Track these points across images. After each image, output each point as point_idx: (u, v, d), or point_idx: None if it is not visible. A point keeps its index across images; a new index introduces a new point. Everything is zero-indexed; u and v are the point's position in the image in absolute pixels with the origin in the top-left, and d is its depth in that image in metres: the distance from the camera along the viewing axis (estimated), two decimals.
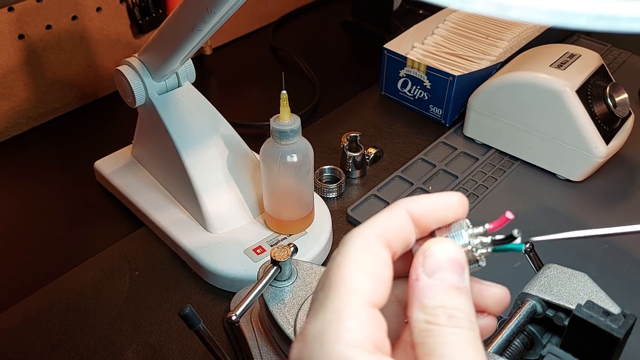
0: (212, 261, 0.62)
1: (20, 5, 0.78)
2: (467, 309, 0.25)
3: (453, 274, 0.26)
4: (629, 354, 0.44)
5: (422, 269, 0.26)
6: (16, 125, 0.84)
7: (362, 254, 0.25)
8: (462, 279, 0.26)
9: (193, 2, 0.51)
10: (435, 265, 0.26)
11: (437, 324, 0.24)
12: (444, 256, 0.26)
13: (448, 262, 0.26)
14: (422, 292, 0.25)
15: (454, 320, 0.24)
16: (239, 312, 0.46)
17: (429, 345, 0.24)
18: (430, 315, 0.24)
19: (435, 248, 0.26)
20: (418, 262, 0.26)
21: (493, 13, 0.20)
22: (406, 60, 0.85)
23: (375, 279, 0.25)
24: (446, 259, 0.26)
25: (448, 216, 0.28)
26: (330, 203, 0.73)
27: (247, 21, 1.08)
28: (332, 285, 0.25)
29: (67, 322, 0.60)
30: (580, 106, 0.70)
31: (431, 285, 0.25)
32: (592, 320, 0.40)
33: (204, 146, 0.66)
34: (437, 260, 0.26)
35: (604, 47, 1.02)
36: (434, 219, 0.28)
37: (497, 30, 0.91)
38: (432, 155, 0.80)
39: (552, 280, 0.46)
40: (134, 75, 0.64)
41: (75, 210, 0.74)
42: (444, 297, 0.25)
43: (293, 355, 0.24)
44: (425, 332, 0.24)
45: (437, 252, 0.26)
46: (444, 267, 0.26)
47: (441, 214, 0.28)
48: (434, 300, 0.25)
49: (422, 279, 0.25)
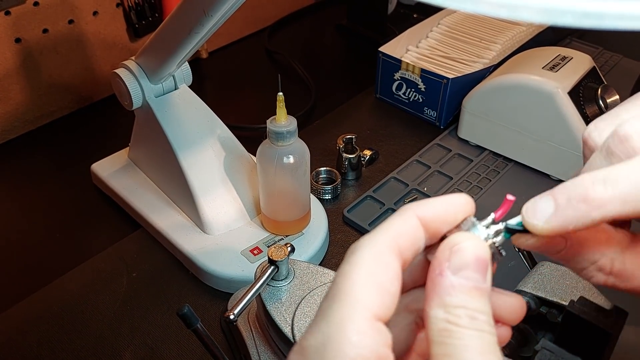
0: (209, 262, 0.63)
1: (17, 9, 0.78)
2: (488, 311, 0.24)
3: (477, 274, 0.24)
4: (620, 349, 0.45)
5: (448, 264, 0.24)
6: (13, 128, 0.84)
7: (371, 263, 0.24)
8: (484, 280, 0.25)
9: (190, 5, 0.52)
10: (461, 262, 0.24)
11: (458, 325, 0.23)
12: (471, 253, 0.25)
13: (474, 260, 0.24)
14: (445, 289, 0.24)
15: (475, 322, 0.23)
16: (236, 311, 0.46)
17: (449, 347, 0.23)
18: (451, 315, 0.23)
19: (464, 244, 0.25)
20: (443, 257, 0.25)
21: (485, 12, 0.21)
22: (401, 63, 0.86)
23: (383, 290, 0.24)
24: (473, 256, 0.24)
25: (458, 218, 0.27)
26: (327, 204, 0.74)
27: (243, 25, 1.09)
28: (336, 296, 0.24)
29: (64, 324, 0.60)
30: (572, 107, 0.71)
31: (455, 284, 0.24)
32: (585, 316, 0.41)
33: (200, 148, 0.66)
34: (464, 257, 0.24)
35: (596, 50, 1.03)
36: (445, 222, 0.26)
37: (490, 34, 0.93)
38: (427, 156, 0.81)
39: (546, 277, 0.47)
40: (131, 78, 0.64)
41: (72, 213, 0.74)
42: (466, 297, 0.24)
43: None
44: (444, 332, 0.23)
45: (466, 248, 0.25)
46: (469, 265, 0.24)
47: (452, 217, 0.27)
48: (457, 299, 0.24)
49: (447, 275, 0.24)
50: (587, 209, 0.24)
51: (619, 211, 0.24)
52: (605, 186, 0.24)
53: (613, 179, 0.24)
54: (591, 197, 0.24)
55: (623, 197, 0.23)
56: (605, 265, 0.26)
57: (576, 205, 0.24)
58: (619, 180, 0.24)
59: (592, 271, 0.26)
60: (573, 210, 0.24)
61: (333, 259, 0.67)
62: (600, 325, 0.40)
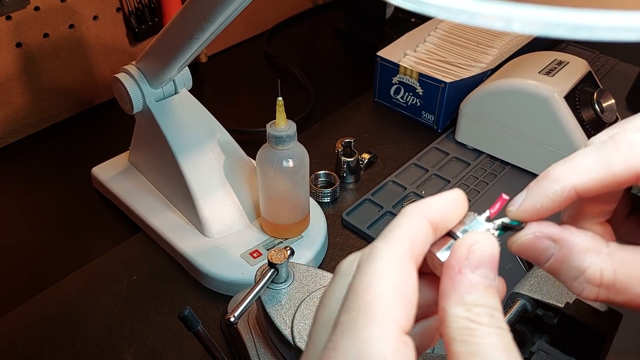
0: (209, 265, 0.63)
1: (18, 14, 0.79)
2: (500, 308, 0.24)
3: (492, 272, 0.25)
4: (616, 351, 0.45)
5: (467, 262, 0.25)
6: (13, 132, 0.85)
7: (392, 274, 0.24)
8: (495, 277, 0.25)
9: (191, 11, 0.53)
10: (479, 261, 0.25)
11: (480, 323, 0.23)
12: (488, 251, 0.25)
13: (490, 259, 0.25)
14: (464, 288, 0.24)
15: (494, 320, 0.24)
16: (237, 313, 0.47)
17: (472, 345, 0.23)
18: (472, 313, 0.24)
19: (482, 243, 0.25)
20: (461, 255, 0.25)
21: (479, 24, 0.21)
22: (399, 67, 0.87)
23: (407, 303, 0.24)
24: (490, 254, 0.25)
25: (460, 215, 0.27)
26: (325, 207, 0.75)
27: (242, 29, 1.10)
28: (362, 309, 0.23)
29: (66, 326, 0.60)
30: (568, 112, 0.72)
31: (474, 282, 0.24)
32: (580, 318, 0.42)
33: (200, 152, 0.67)
34: (482, 256, 0.25)
35: (592, 54, 1.04)
36: (451, 220, 0.27)
37: (487, 38, 0.93)
38: (424, 160, 0.82)
39: (542, 280, 0.47)
40: (131, 83, 0.65)
41: (73, 216, 0.74)
42: (485, 295, 0.24)
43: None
44: (467, 330, 0.23)
45: (484, 247, 0.25)
46: (486, 264, 0.25)
47: (456, 215, 0.27)
48: (476, 297, 0.24)
49: (466, 273, 0.24)
50: (548, 183, 0.26)
51: (576, 183, 0.25)
52: (563, 163, 0.26)
53: (571, 158, 0.26)
54: (551, 173, 0.26)
55: (579, 169, 0.25)
56: (594, 275, 0.26)
57: (540, 182, 0.26)
58: (576, 157, 0.26)
59: (582, 283, 0.26)
60: (538, 187, 0.26)
61: (332, 262, 0.68)
62: (595, 328, 0.41)
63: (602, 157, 0.25)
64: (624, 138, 0.25)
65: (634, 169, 0.25)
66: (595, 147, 0.26)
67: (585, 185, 0.25)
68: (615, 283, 0.26)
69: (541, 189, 0.26)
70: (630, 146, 0.25)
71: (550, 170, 0.26)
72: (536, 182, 0.27)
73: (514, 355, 0.23)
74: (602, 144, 0.26)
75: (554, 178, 0.26)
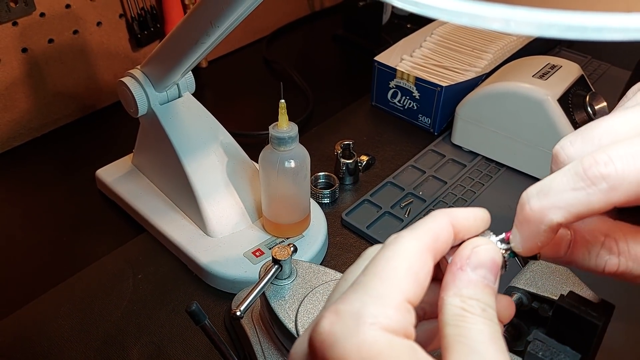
0: (213, 264, 0.65)
1: (24, 20, 0.80)
2: (495, 307, 0.28)
3: (491, 274, 0.28)
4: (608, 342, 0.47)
5: (468, 261, 0.28)
6: (18, 135, 0.86)
7: (412, 257, 0.27)
8: (494, 281, 0.28)
9: (198, 17, 0.54)
10: (479, 262, 0.28)
11: (472, 313, 0.26)
12: (489, 256, 0.28)
13: (490, 262, 0.28)
14: (463, 282, 0.27)
15: (486, 314, 0.27)
16: (243, 307, 0.49)
17: (462, 329, 0.26)
18: (466, 304, 0.27)
19: (484, 247, 0.29)
20: (464, 254, 0.28)
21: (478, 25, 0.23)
22: (396, 72, 0.89)
23: (418, 282, 0.27)
24: (490, 259, 0.28)
25: (479, 229, 0.30)
26: (325, 208, 0.76)
27: (242, 35, 1.11)
28: (377, 274, 0.26)
29: (73, 324, 0.62)
30: (561, 114, 0.74)
31: (472, 278, 0.27)
32: (574, 310, 0.43)
33: (204, 153, 0.69)
34: (483, 258, 0.28)
35: (584, 59, 1.06)
36: (470, 231, 0.30)
37: (482, 43, 0.95)
38: (421, 162, 0.84)
39: (537, 274, 0.49)
40: (136, 87, 0.66)
41: (78, 218, 0.76)
42: (480, 291, 0.27)
43: (322, 327, 0.25)
44: (459, 317, 0.26)
45: (485, 251, 0.28)
46: (486, 266, 0.28)
47: (476, 228, 0.30)
48: (471, 292, 0.27)
49: (467, 270, 0.28)
50: (534, 225, 0.28)
51: (561, 221, 0.27)
52: (541, 199, 0.27)
53: (547, 191, 0.27)
54: (533, 214, 0.27)
55: (561, 207, 0.26)
56: (612, 245, 0.28)
57: (526, 224, 0.28)
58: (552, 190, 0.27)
59: (602, 258, 0.28)
60: (527, 229, 0.28)
61: (332, 261, 0.69)
62: (589, 318, 0.43)
63: (581, 197, 0.26)
64: (597, 172, 0.26)
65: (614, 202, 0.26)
66: (571, 179, 0.26)
67: (569, 220, 0.27)
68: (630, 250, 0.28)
69: (531, 231, 0.28)
70: (606, 182, 0.26)
71: (530, 206, 0.27)
72: (521, 221, 0.28)
73: (500, 344, 0.26)
74: (576, 175, 0.26)
75: (538, 220, 0.27)
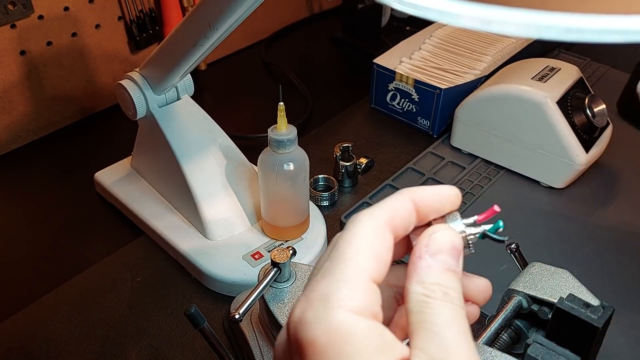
0: (212, 267, 0.65)
1: (23, 23, 0.80)
2: (458, 289, 0.28)
3: (451, 258, 0.29)
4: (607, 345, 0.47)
5: (426, 249, 0.29)
6: (17, 138, 0.86)
7: (371, 235, 0.28)
8: (457, 264, 0.29)
9: (196, 19, 0.54)
10: (437, 248, 0.29)
11: (433, 298, 0.27)
12: (446, 241, 0.29)
13: (449, 247, 0.29)
14: (423, 269, 0.28)
15: (447, 297, 0.27)
16: (242, 310, 0.48)
17: (425, 315, 0.27)
18: (427, 290, 0.28)
19: (440, 233, 0.29)
20: (423, 243, 0.29)
21: (477, 27, 0.23)
22: (395, 74, 0.89)
23: (379, 258, 0.28)
24: (448, 243, 0.29)
25: (445, 207, 0.31)
26: (324, 210, 0.76)
27: (240, 37, 1.11)
28: (340, 257, 0.27)
29: (71, 327, 0.61)
30: (560, 116, 0.74)
31: (431, 265, 0.28)
32: (573, 312, 0.43)
33: (203, 156, 0.69)
34: (440, 244, 0.29)
35: (583, 61, 1.06)
36: (434, 209, 0.31)
37: (481, 46, 0.96)
38: (420, 164, 0.84)
39: (536, 277, 0.49)
40: (135, 89, 0.66)
41: (77, 221, 0.76)
42: (441, 276, 0.28)
43: (295, 314, 0.27)
44: (422, 303, 0.27)
45: (442, 236, 0.29)
46: (444, 250, 0.29)
47: (441, 205, 0.31)
48: (432, 277, 0.28)
49: (425, 258, 0.29)
50: None
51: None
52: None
53: None
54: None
55: None
56: None
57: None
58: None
59: None
60: None
61: None
62: (588, 320, 0.43)
63: None
64: None
65: None
66: None
67: None
68: None
69: None
70: None
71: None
72: None
73: (462, 326, 0.27)
74: None
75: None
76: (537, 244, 0.70)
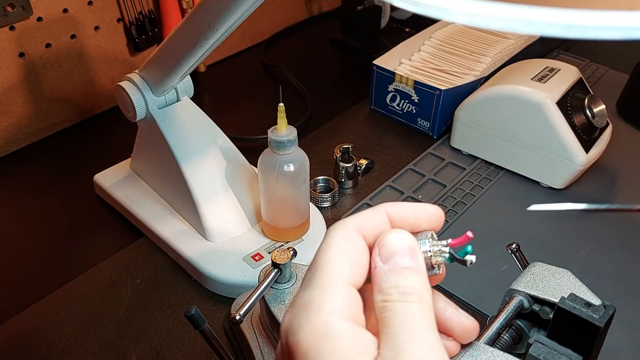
0: (212, 268, 0.65)
1: (21, 25, 0.80)
2: (418, 285, 0.28)
3: (405, 257, 0.29)
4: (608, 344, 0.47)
5: (379, 257, 0.29)
6: (15, 140, 0.86)
7: (342, 242, 0.29)
8: (413, 261, 0.29)
9: (196, 20, 0.54)
10: (388, 252, 0.29)
11: (390, 301, 0.28)
12: (396, 243, 0.30)
13: (399, 248, 0.29)
14: (379, 277, 0.29)
15: (405, 296, 0.28)
16: (242, 311, 0.48)
17: (384, 320, 0.28)
18: (385, 295, 0.28)
19: (388, 237, 0.30)
20: (375, 252, 0.30)
21: (479, 24, 0.23)
22: (394, 75, 0.89)
23: (354, 263, 0.29)
24: (398, 245, 0.30)
25: (420, 224, 0.31)
26: (325, 212, 0.76)
27: (240, 39, 1.11)
28: (317, 268, 0.29)
29: (71, 329, 0.61)
30: (560, 117, 0.74)
31: (386, 270, 0.29)
32: (575, 312, 0.43)
33: (202, 158, 0.68)
34: (390, 248, 0.29)
35: (583, 62, 1.06)
36: (408, 224, 0.31)
37: (480, 47, 0.96)
38: (421, 165, 0.84)
39: (538, 277, 0.49)
40: (135, 91, 0.66)
41: (76, 223, 0.76)
42: (397, 278, 0.29)
43: (284, 324, 0.28)
44: (382, 309, 0.28)
45: (390, 240, 0.30)
46: (396, 253, 0.29)
47: (415, 221, 0.31)
48: (389, 282, 0.29)
49: (379, 265, 0.29)
50: None
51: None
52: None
53: None
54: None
55: None
56: None
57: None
58: None
59: None
60: None
61: None
62: (590, 320, 0.42)
63: None
64: None
65: None
66: None
67: None
68: None
69: None
70: None
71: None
72: None
73: (419, 321, 0.27)
74: None
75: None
76: (537, 244, 0.70)
